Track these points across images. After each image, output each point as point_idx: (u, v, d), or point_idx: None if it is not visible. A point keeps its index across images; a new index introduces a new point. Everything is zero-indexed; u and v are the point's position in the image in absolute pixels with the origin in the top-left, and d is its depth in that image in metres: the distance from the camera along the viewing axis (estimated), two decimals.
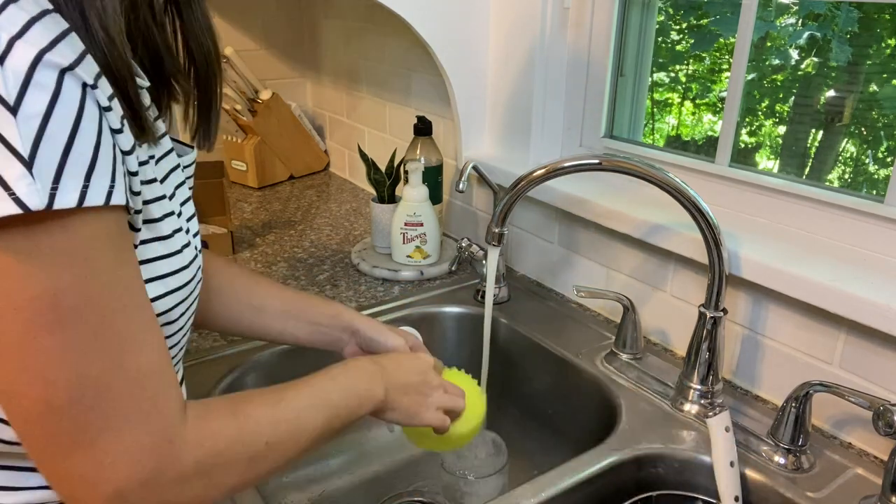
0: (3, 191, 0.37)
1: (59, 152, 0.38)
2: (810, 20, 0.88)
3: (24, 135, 0.37)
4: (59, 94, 0.39)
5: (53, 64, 0.38)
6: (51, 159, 0.38)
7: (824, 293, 0.74)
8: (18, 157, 0.37)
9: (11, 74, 0.37)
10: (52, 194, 0.38)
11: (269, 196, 1.65)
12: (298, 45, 1.86)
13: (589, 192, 1.02)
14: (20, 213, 0.37)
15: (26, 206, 0.37)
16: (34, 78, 0.38)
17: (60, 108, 0.39)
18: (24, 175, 0.37)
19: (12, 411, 0.43)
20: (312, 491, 0.97)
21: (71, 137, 0.39)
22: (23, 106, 0.37)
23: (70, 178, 0.39)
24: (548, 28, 1.08)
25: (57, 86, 0.39)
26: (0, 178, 0.37)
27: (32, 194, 0.37)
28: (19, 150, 0.37)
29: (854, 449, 0.78)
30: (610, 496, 0.77)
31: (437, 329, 1.10)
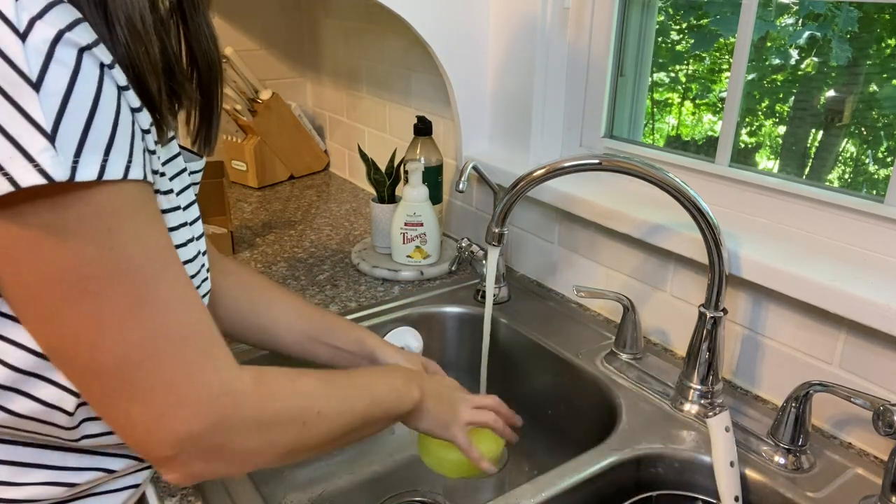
0: (28, 163, 0.38)
1: (80, 127, 0.40)
2: (810, 20, 0.88)
3: (46, 110, 0.39)
4: (79, 71, 0.40)
5: (73, 42, 0.40)
6: (72, 134, 0.39)
7: (824, 293, 0.74)
8: (41, 132, 0.39)
9: (33, 51, 0.38)
10: (74, 167, 0.39)
11: (269, 196, 1.65)
12: (298, 45, 1.86)
13: (589, 192, 1.02)
14: (45, 183, 0.39)
15: (51, 177, 0.39)
16: (55, 55, 0.39)
17: (81, 85, 0.40)
18: (48, 148, 0.39)
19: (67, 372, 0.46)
20: (312, 491, 0.97)
21: (91, 113, 0.40)
22: (45, 82, 0.39)
23: (90, 153, 0.40)
24: (548, 28, 1.08)
25: (77, 63, 0.40)
26: (25, 151, 0.38)
27: (56, 166, 0.39)
28: (42, 124, 0.39)
29: (854, 449, 0.78)
30: (610, 496, 0.77)
31: (437, 329, 1.10)
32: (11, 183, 0.38)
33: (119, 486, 0.63)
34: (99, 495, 0.61)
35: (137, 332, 0.45)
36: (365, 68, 1.60)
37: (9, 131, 0.38)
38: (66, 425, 0.52)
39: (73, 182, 0.40)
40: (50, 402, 0.50)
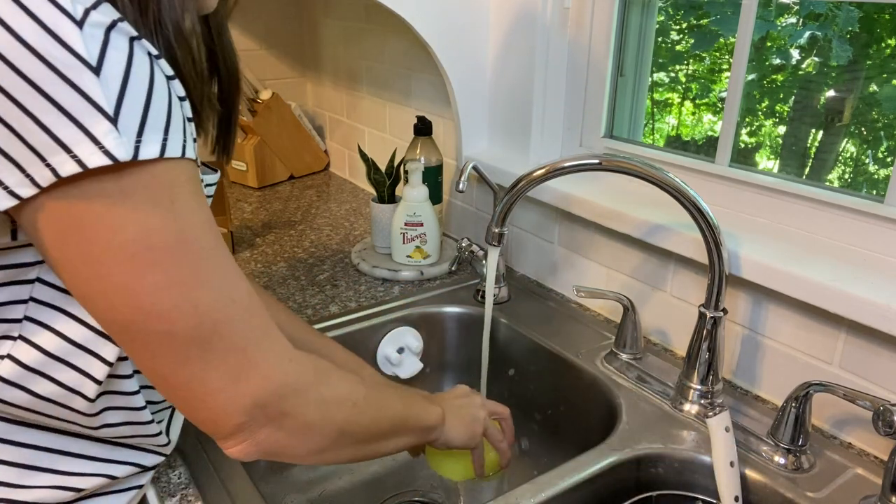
0: (94, 145, 0.40)
1: (139, 109, 0.42)
2: (810, 20, 0.88)
3: (107, 93, 0.40)
4: (133, 57, 0.42)
5: (125, 31, 0.42)
6: (133, 115, 0.42)
7: (824, 293, 0.74)
8: (104, 114, 0.40)
9: (91, 38, 0.40)
10: (137, 147, 0.42)
11: (269, 196, 1.65)
12: (298, 45, 1.86)
13: (589, 192, 1.02)
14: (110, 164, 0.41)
15: (115, 158, 0.41)
16: (111, 41, 0.41)
17: (136, 69, 0.42)
18: (111, 130, 0.41)
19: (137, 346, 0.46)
20: (312, 491, 0.97)
21: (148, 95, 0.42)
22: (104, 66, 0.40)
23: (151, 133, 0.42)
24: (548, 28, 1.08)
25: (130, 50, 0.42)
26: (90, 134, 0.40)
27: (120, 147, 0.41)
28: (105, 107, 0.40)
29: (854, 449, 0.78)
30: (610, 496, 0.77)
31: (437, 329, 1.10)
32: (79, 164, 0.40)
33: (123, 487, 0.63)
34: (103, 496, 0.61)
35: (208, 298, 0.46)
36: (365, 68, 1.60)
37: (73, 115, 0.40)
38: (85, 411, 0.53)
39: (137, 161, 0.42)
40: (71, 387, 0.52)
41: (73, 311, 0.50)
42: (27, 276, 0.49)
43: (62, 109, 0.40)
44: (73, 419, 0.54)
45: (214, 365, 0.47)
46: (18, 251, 0.48)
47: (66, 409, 0.53)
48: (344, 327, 1.02)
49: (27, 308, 0.50)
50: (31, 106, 0.39)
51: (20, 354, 0.50)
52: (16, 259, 0.48)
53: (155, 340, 0.46)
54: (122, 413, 0.57)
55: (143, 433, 0.60)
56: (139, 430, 0.60)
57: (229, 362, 0.48)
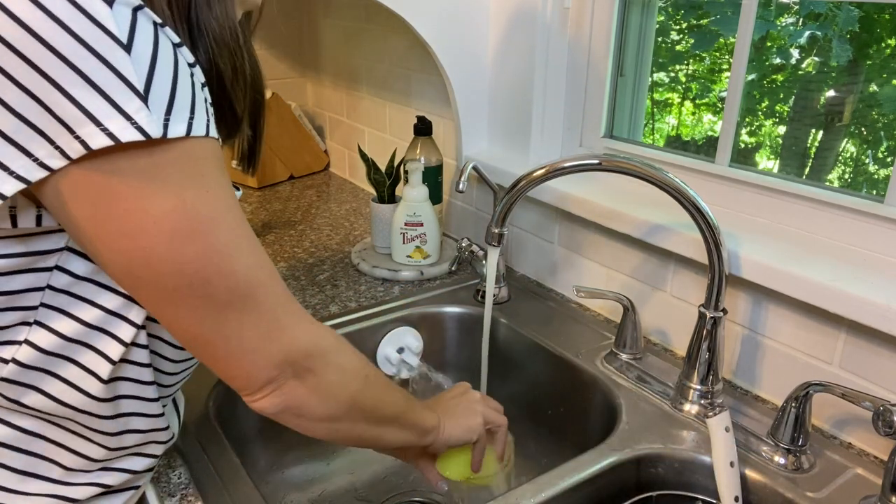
0: (126, 120, 0.41)
1: (168, 88, 0.43)
2: (810, 20, 0.88)
3: (138, 71, 0.42)
4: (159, 40, 0.43)
5: (149, 16, 0.43)
6: (162, 94, 0.43)
7: (824, 293, 0.74)
8: (136, 91, 0.42)
9: (121, 17, 0.41)
10: (166, 124, 0.43)
11: (269, 196, 1.65)
12: (298, 45, 1.86)
13: (589, 192, 1.02)
14: (142, 139, 0.42)
15: (147, 134, 0.42)
16: (139, 22, 0.42)
17: (162, 52, 0.43)
18: (142, 108, 0.42)
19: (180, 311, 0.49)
20: (312, 491, 0.97)
21: (175, 77, 0.44)
22: (134, 45, 0.42)
23: (179, 111, 0.44)
24: (548, 28, 1.08)
25: (156, 33, 0.43)
26: (122, 109, 0.41)
27: (151, 124, 0.42)
28: (136, 85, 0.42)
29: (854, 449, 0.78)
30: (610, 496, 0.77)
31: (437, 329, 1.10)
32: (111, 137, 0.41)
33: (119, 489, 0.63)
34: (101, 496, 0.61)
35: (244, 264, 0.49)
36: (365, 68, 1.60)
37: (105, 90, 0.41)
38: (99, 395, 0.54)
39: (167, 138, 0.43)
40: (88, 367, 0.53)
41: (87, 296, 0.51)
42: (46, 263, 0.49)
43: (93, 84, 0.40)
44: (87, 407, 0.54)
45: (250, 325, 0.50)
46: (40, 238, 0.48)
47: (81, 392, 0.53)
48: (344, 327, 1.02)
49: (44, 295, 0.50)
50: (61, 80, 0.40)
51: (38, 340, 0.51)
52: (37, 246, 0.49)
53: (197, 304, 0.48)
54: (135, 403, 0.58)
55: (154, 426, 0.61)
56: (151, 424, 0.60)
57: (263, 322, 0.51)
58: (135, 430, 0.59)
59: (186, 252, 0.46)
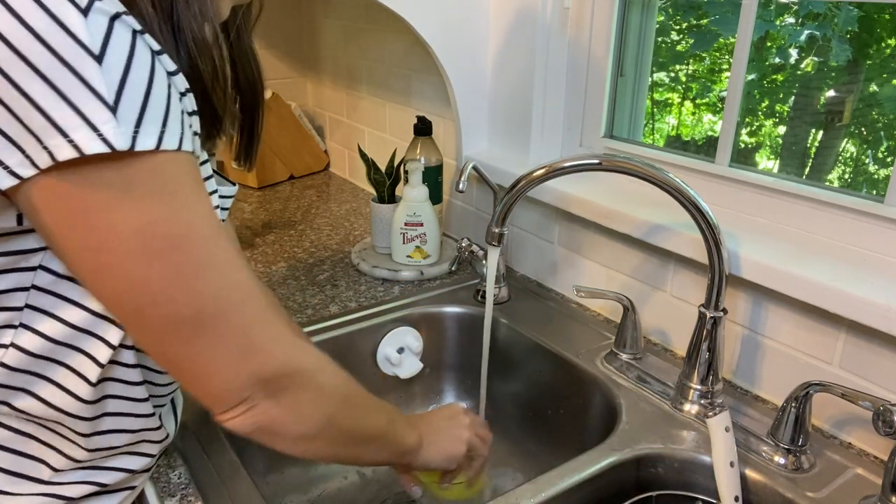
0: (92, 132, 0.41)
1: (139, 100, 0.42)
2: (810, 20, 0.88)
3: (108, 82, 0.41)
4: (135, 50, 0.42)
5: (128, 24, 0.42)
6: (133, 106, 0.42)
7: (824, 293, 0.74)
8: (104, 102, 0.41)
9: (95, 26, 0.41)
10: (135, 136, 0.42)
11: (269, 196, 1.65)
12: (298, 45, 1.86)
13: (589, 192, 1.02)
14: (107, 151, 0.41)
15: (113, 146, 0.41)
16: (114, 31, 0.41)
17: (137, 61, 0.42)
18: (110, 119, 0.41)
19: (145, 329, 0.48)
20: (312, 491, 0.97)
21: (148, 88, 0.43)
22: (106, 55, 0.41)
23: (149, 124, 0.43)
24: (548, 28, 1.08)
25: (132, 41, 0.42)
26: (88, 121, 0.41)
27: (118, 136, 0.41)
28: (104, 95, 0.41)
29: (854, 449, 0.78)
30: (610, 496, 0.77)
31: (437, 329, 1.10)
32: (76, 150, 0.41)
33: (114, 489, 0.63)
34: (96, 496, 0.61)
35: (213, 284, 0.48)
36: (365, 68, 1.60)
37: (73, 101, 0.40)
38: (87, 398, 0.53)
39: (134, 151, 0.42)
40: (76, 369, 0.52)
41: (73, 297, 0.51)
42: (30, 262, 0.49)
43: (62, 94, 0.40)
44: (75, 410, 0.54)
45: (220, 345, 0.49)
46: (22, 237, 0.48)
47: (70, 395, 0.53)
48: (344, 327, 1.02)
49: (28, 296, 0.50)
50: (30, 89, 0.40)
51: (24, 342, 0.51)
52: (19, 245, 0.48)
53: (162, 323, 0.47)
54: (124, 403, 0.57)
55: (144, 426, 0.60)
56: (140, 424, 0.60)
57: (234, 342, 0.50)
58: (124, 430, 0.59)
59: (151, 271, 0.45)
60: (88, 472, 0.59)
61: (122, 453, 0.61)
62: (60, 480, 0.57)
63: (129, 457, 0.62)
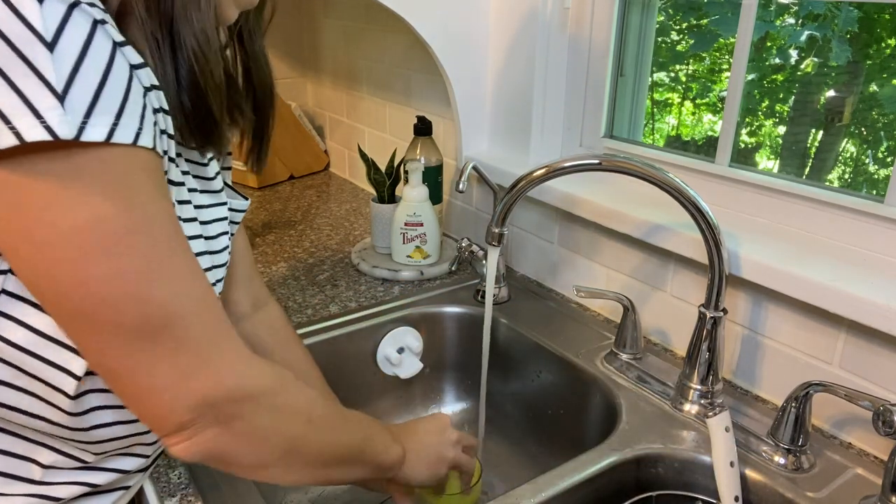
0: (35, 119, 0.39)
1: (91, 90, 0.40)
2: (810, 20, 0.88)
3: (58, 69, 0.39)
4: (93, 38, 0.41)
5: (87, 13, 0.41)
6: (83, 95, 0.40)
7: (824, 293, 0.74)
8: (51, 90, 0.39)
9: (50, 13, 0.39)
10: (82, 127, 0.40)
11: (269, 196, 1.65)
12: (298, 45, 1.86)
13: (589, 192, 1.02)
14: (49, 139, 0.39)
15: (55, 134, 0.39)
16: (71, 19, 0.40)
17: (94, 51, 0.41)
18: (56, 107, 0.39)
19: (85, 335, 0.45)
20: (313, 491, 0.97)
21: (103, 78, 0.41)
22: (59, 43, 0.39)
23: (100, 115, 0.41)
24: (548, 28, 1.08)
25: (91, 31, 0.41)
26: (33, 108, 0.39)
27: (63, 125, 0.39)
28: (53, 83, 0.39)
29: (854, 449, 0.78)
30: (610, 496, 0.77)
31: (437, 329, 1.10)
32: (17, 136, 0.39)
33: (108, 489, 0.63)
34: (87, 496, 0.61)
35: (161, 292, 0.45)
36: (365, 68, 1.60)
37: (20, 88, 0.39)
38: (69, 410, 0.51)
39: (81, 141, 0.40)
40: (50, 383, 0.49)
41: None
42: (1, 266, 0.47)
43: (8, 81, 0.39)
44: (59, 420, 0.52)
45: (163, 360, 0.46)
46: None
47: (51, 406, 0.51)
48: (344, 327, 1.02)
49: None
50: None
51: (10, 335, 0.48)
52: None
53: (103, 330, 0.44)
54: (113, 412, 0.56)
55: (135, 431, 0.60)
56: (132, 429, 0.59)
57: (179, 358, 0.46)
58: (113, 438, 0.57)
59: (94, 271, 0.42)
60: (80, 472, 0.59)
61: (117, 454, 0.61)
62: (52, 480, 0.57)
63: (123, 457, 0.62)
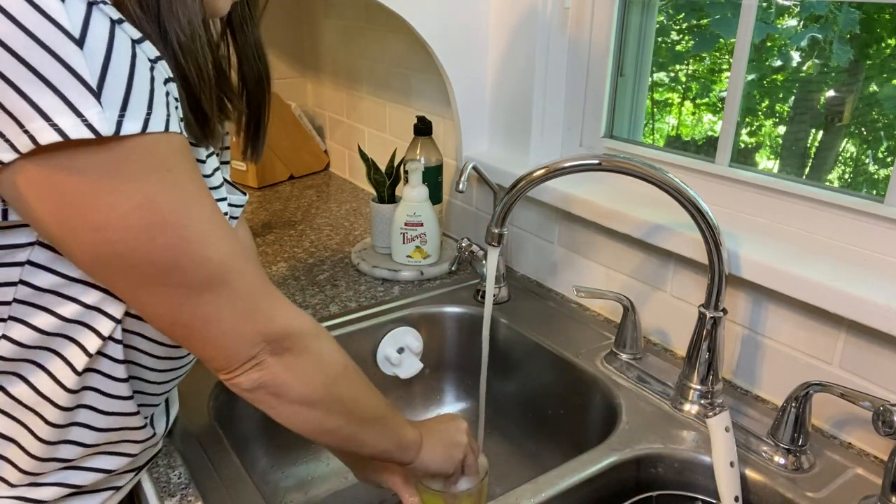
0: (77, 117, 0.41)
1: (123, 84, 0.42)
2: (811, 21, 0.88)
3: (91, 66, 0.41)
4: (115, 36, 0.42)
5: (104, 12, 0.42)
6: (117, 90, 0.42)
7: (824, 293, 0.74)
8: (88, 87, 0.41)
9: (73, 11, 0.40)
10: (120, 122, 0.42)
11: (269, 196, 1.65)
12: (298, 45, 1.86)
13: (589, 192, 1.02)
14: (93, 137, 0.41)
15: (98, 132, 0.41)
16: (93, 17, 0.41)
17: (118, 45, 0.42)
18: (95, 104, 0.41)
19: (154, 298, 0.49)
20: (312, 491, 0.97)
21: (131, 72, 0.43)
22: (87, 40, 0.41)
23: (134, 108, 0.43)
24: (548, 28, 1.08)
25: (111, 28, 0.42)
26: (72, 105, 0.40)
27: (103, 122, 0.41)
28: (88, 80, 0.41)
29: (854, 449, 0.78)
30: (610, 496, 0.77)
31: (437, 329, 1.10)
32: (60, 133, 0.40)
33: (95, 489, 0.63)
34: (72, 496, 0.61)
35: (217, 253, 0.49)
36: (365, 68, 1.60)
37: (55, 85, 0.40)
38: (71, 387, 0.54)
39: (119, 136, 0.42)
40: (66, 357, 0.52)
41: (64, 292, 0.51)
42: (17, 258, 0.49)
43: (43, 79, 0.40)
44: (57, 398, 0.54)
45: (227, 308, 0.51)
46: (9, 232, 0.48)
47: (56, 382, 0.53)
48: (344, 327, 1.02)
49: (17, 290, 0.50)
50: (11, 74, 0.40)
51: (15, 335, 0.51)
52: (6, 240, 0.48)
53: (171, 291, 0.48)
54: (107, 400, 0.57)
55: (127, 425, 0.60)
56: (120, 422, 0.59)
57: (239, 305, 0.51)
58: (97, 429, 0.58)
59: (157, 243, 0.46)
60: (61, 473, 0.59)
61: (98, 453, 0.61)
62: (30, 482, 0.57)
63: (106, 457, 0.61)
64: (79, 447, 0.58)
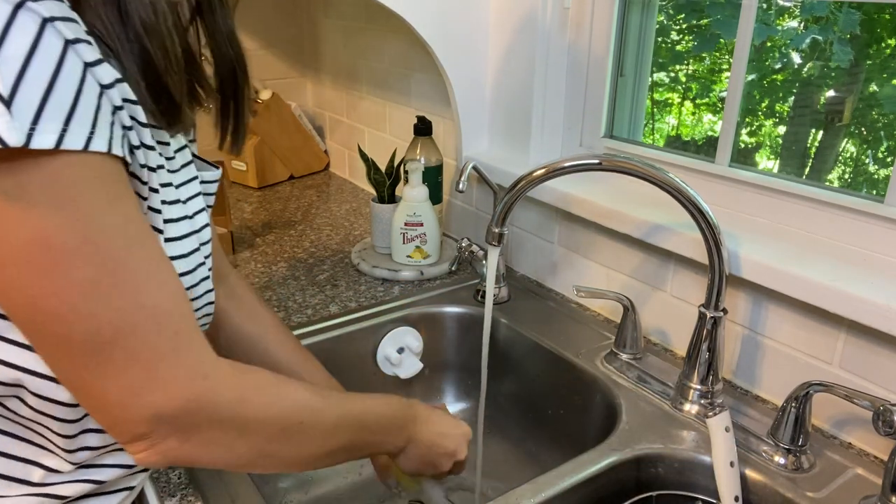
0: None
1: (39, 94, 0.39)
2: (811, 22, 0.88)
3: (4, 74, 0.38)
4: (41, 39, 0.39)
5: (36, 12, 0.39)
6: (30, 101, 0.39)
7: (824, 293, 0.74)
8: None
9: None
10: (30, 134, 0.38)
11: (269, 196, 1.65)
12: (298, 45, 1.86)
13: (589, 192, 1.02)
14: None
15: (4, 142, 0.38)
16: (16, 20, 0.38)
17: (42, 53, 0.39)
18: (4, 112, 0.38)
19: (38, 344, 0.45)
20: (312, 491, 0.97)
21: (51, 81, 0.39)
22: (4, 46, 0.38)
23: (49, 121, 0.39)
24: (548, 28, 1.08)
25: (39, 31, 0.39)
26: None
27: (11, 131, 0.38)
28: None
29: (854, 449, 0.78)
30: (610, 496, 0.77)
31: (437, 329, 1.10)
32: None
33: (113, 489, 0.63)
34: (93, 497, 0.61)
35: (108, 308, 0.43)
36: (365, 68, 1.60)
37: None
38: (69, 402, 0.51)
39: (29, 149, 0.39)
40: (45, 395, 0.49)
41: None
42: None
43: None
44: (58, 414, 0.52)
45: (113, 375, 0.44)
46: None
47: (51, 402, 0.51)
48: (344, 327, 1.02)
49: None
50: None
51: None
52: None
53: (53, 342, 0.44)
54: None
55: None
56: None
57: (129, 373, 0.45)
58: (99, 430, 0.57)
59: (41, 286, 0.41)
60: (83, 470, 0.59)
61: (116, 450, 0.61)
62: (53, 481, 0.57)
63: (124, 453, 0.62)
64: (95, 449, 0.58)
